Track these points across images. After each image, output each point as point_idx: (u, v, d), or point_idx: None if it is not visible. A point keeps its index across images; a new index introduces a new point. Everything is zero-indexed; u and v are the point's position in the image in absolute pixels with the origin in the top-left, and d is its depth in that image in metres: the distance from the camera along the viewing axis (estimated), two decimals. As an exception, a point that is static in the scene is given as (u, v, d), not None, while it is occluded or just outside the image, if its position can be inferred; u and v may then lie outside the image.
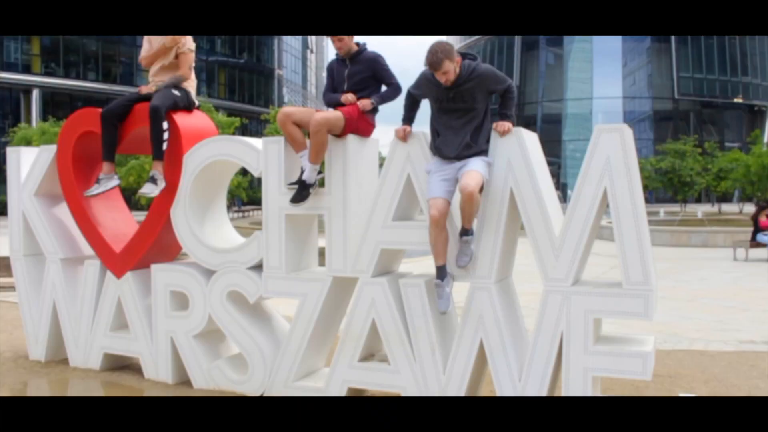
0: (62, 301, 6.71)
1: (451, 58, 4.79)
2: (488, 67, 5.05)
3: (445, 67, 4.78)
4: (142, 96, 6.12)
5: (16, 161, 6.97)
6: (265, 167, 5.59)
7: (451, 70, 4.82)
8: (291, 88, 75.26)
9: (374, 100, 5.45)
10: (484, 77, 4.96)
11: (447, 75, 4.82)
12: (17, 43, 45.58)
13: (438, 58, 4.75)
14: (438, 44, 4.81)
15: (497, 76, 5.08)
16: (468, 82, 4.92)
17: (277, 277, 5.63)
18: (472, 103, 4.96)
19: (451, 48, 4.85)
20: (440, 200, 4.87)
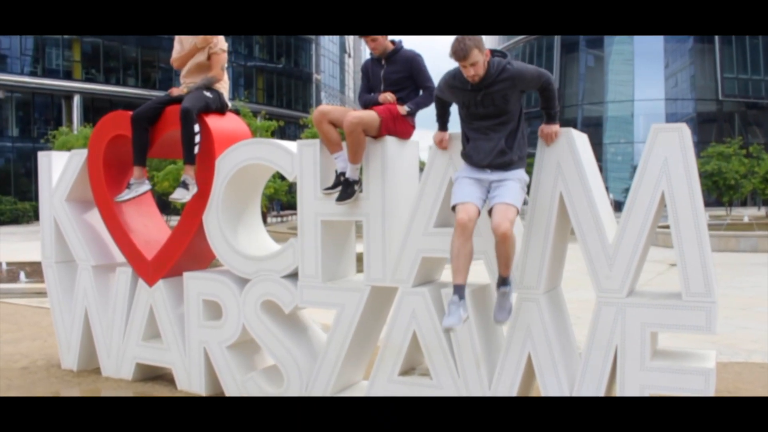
0: (94, 309, 6.56)
1: (480, 47, 4.26)
2: (519, 63, 4.52)
3: (474, 57, 4.23)
4: (173, 98, 5.94)
5: (47, 166, 6.84)
6: (300, 171, 5.35)
7: (481, 63, 4.28)
8: (329, 93, 75.40)
9: (408, 106, 5.16)
10: (516, 75, 4.41)
11: (476, 68, 4.28)
12: (58, 50, 46.33)
13: (466, 46, 4.20)
14: (464, 36, 4.28)
15: (530, 71, 4.51)
16: (498, 82, 4.39)
17: (313, 287, 5.38)
18: (504, 106, 4.44)
19: (479, 38, 4.32)
20: (470, 205, 4.37)
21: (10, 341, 8.31)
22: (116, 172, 6.39)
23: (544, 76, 4.53)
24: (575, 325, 5.24)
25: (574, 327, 5.16)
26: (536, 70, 4.54)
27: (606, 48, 53.18)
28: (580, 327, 5.38)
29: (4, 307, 10.85)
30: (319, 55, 71.01)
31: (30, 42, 45.39)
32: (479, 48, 4.25)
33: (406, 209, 5.13)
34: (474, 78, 4.34)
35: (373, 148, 5.08)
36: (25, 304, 10.95)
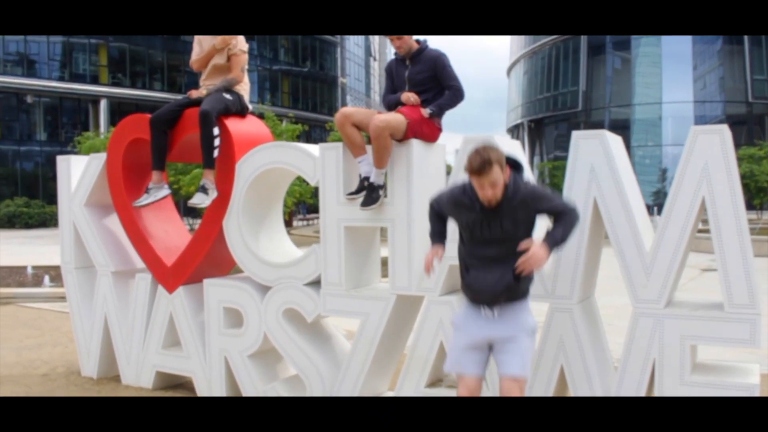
0: (114, 316, 6.44)
1: (502, 163, 3.61)
2: (534, 185, 3.83)
3: (494, 175, 3.56)
4: (192, 101, 5.79)
5: (66, 170, 6.74)
6: (322, 175, 5.17)
7: (500, 183, 3.61)
8: (354, 96, 75.42)
9: (431, 108, 4.94)
10: (532, 197, 3.72)
11: (495, 189, 3.59)
12: (85, 54, 46.79)
13: (487, 161, 3.52)
14: (485, 145, 3.62)
15: (548, 195, 3.80)
16: (510, 204, 3.69)
17: (337, 295, 5.21)
18: (515, 231, 3.70)
19: (502, 152, 3.64)
20: (470, 380, 3.80)
21: (32, 347, 8.24)
22: (135, 176, 6.26)
23: (566, 206, 3.78)
24: (607, 333, 5.01)
25: (606, 336, 4.94)
26: (559, 200, 3.81)
27: (633, 50, 52.51)
28: (613, 335, 5.16)
29: (28, 311, 10.82)
30: (345, 59, 71.07)
31: (58, 47, 45.90)
32: (501, 164, 3.60)
33: (433, 215, 4.93)
34: (491, 200, 3.65)
35: (398, 151, 4.90)
36: (48, 309, 10.91)
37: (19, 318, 10.23)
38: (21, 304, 11.39)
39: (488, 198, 3.62)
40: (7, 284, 13.59)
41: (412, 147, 4.86)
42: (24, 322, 9.85)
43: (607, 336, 4.95)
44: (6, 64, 44.61)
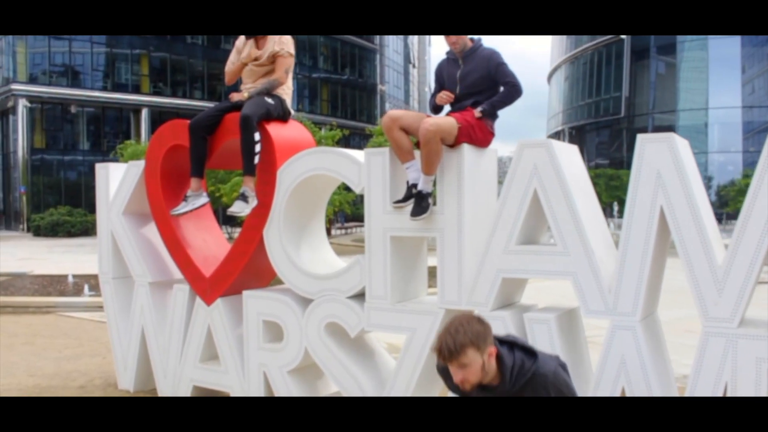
0: (151, 328, 6.25)
1: (479, 345, 3.01)
2: (562, 382, 3.22)
3: (467, 358, 3.00)
4: (232, 105, 5.58)
5: (104, 178, 6.59)
6: (367, 182, 4.90)
7: (476, 366, 3.03)
8: (393, 103, 75.27)
9: (483, 107, 4.65)
10: (542, 386, 3.17)
11: (466, 372, 3.03)
12: (128, 64, 47.42)
13: (456, 342, 2.98)
14: (463, 320, 3.07)
15: (563, 382, 3.23)
16: (521, 389, 3.17)
17: (382, 309, 4.93)
18: None
19: (482, 332, 3.06)
20: None
21: (70, 357, 8.13)
22: (174, 183, 6.07)
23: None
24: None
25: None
26: (567, 386, 3.24)
27: (678, 54, 51.41)
28: (674, 354, 4.81)
29: (68, 321, 10.76)
30: (384, 66, 70.94)
31: (102, 58, 46.61)
32: (477, 345, 3.00)
33: (485, 224, 4.64)
34: (464, 385, 3.08)
35: (448, 157, 4.61)
36: (88, 318, 10.84)
37: (59, 327, 10.16)
38: (61, 314, 11.35)
39: (459, 381, 3.06)
40: (48, 293, 13.59)
41: (464, 152, 4.57)
42: (64, 332, 9.78)
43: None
44: (52, 75, 45.39)
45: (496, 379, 3.17)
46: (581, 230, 4.27)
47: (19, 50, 44.08)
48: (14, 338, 9.33)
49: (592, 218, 4.46)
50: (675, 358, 4.25)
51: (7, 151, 46.63)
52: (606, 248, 4.48)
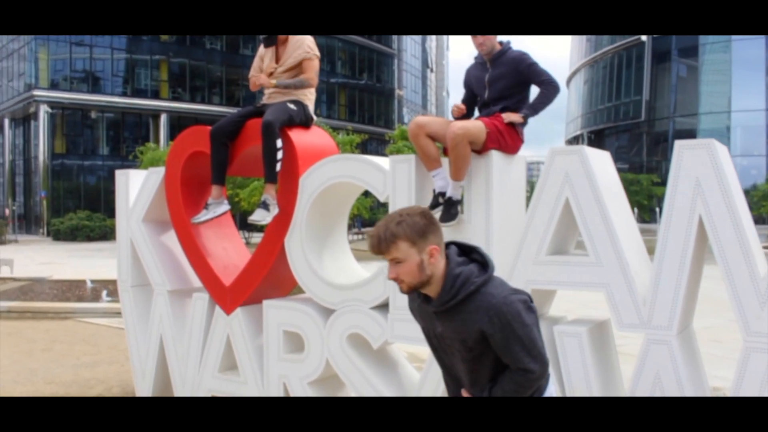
0: (169, 337, 6.14)
1: (414, 239, 2.64)
2: (495, 291, 2.73)
3: (398, 251, 2.65)
4: (254, 111, 5.47)
5: (124, 184, 6.49)
6: (392, 190, 4.76)
7: (411, 263, 2.66)
8: (411, 108, 75.19)
9: (525, 112, 4.50)
10: (484, 308, 2.69)
11: (399, 269, 2.68)
12: (147, 70, 47.74)
13: (387, 234, 2.65)
14: (403, 209, 2.75)
15: (522, 335, 2.72)
16: (462, 309, 2.73)
17: (406, 320, 4.76)
18: (467, 352, 2.82)
19: (423, 224, 2.67)
20: None
21: (88, 364, 8.06)
22: (194, 191, 5.97)
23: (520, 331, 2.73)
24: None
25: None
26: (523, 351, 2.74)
27: (700, 57, 50.87)
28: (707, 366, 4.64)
29: (86, 327, 10.72)
30: (402, 70, 70.87)
31: (122, 64, 46.97)
32: (413, 240, 2.63)
33: (513, 234, 4.49)
34: (400, 286, 2.75)
35: (476, 164, 4.46)
36: (105, 324, 10.80)
37: (77, 333, 10.12)
38: (79, 319, 11.32)
39: (392, 279, 2.74)
40: (67, 298, 13.59)
41: (492, 159, 4.42)
42: (82, 338, 9.73)
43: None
44: (73, 81, 45.78)
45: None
46: (615, 240, 4.11)
47: (41, 57, 44.52)
48: (33, 344, 9.29)
49: (626, 227, 4.30)
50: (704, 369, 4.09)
51: (28, 156, 47.05)
52: (640, 259, 4.32)
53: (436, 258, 2.72)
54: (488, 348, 2.79)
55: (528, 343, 2.73)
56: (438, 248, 2.72)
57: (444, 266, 2.76)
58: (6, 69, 49.19)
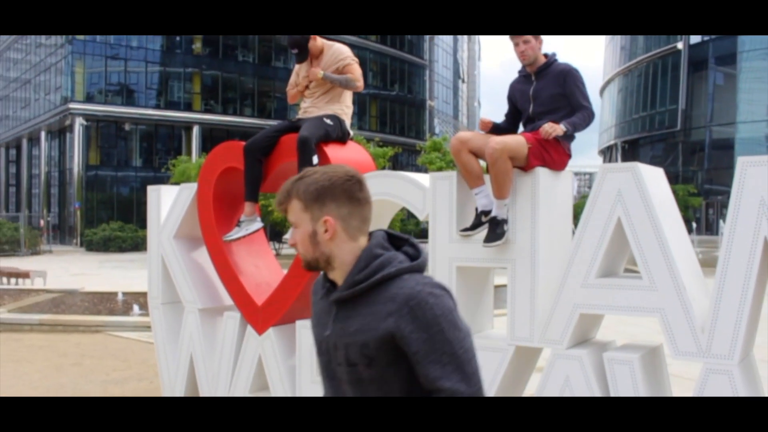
0: (200, 356, 5.98)
1: (307, 201, 2.09)
2: (422, 280, 2.07)
3: (292, 214, 2.12)
4: (289, 126, 5.31)
5: (156, 200, 6.37)
6: (432, 209, 4.56)
7: (303, 233, 2.10)
8: (442, 119, 75.02)
9: (565, 125, 4.27)
10: (403, 297, 2.03)
11: (295, 236, 2.12)
12: (180, 83, 48.17)
13: (285, 188, 2.13)
14: (324, 167, 2.16)
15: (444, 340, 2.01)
16: (372, 292, 2.08)
17: (445, 343, 4.57)
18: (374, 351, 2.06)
19: (327, 187, 2.08)
20: None
21: (117, 380, 7.96)
22: (227, 207, 5.82)
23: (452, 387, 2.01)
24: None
25: None
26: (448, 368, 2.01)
27: (738, 64, 49.98)
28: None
29: (116, 341, 10.64)
30: (433, 81, 70.75)
31: (156, 77, 47.45)
32: (307, 203, 2.08)
33: (560, 254, 4.26)
34: (301, 255, 2.17)
35: (521, 181, 4.24)
36: (136, 339, 10.71)
37: (107, 348, 10.04)
38: (110, 333, 11.25)
39: (291, 245, 2.21)
40: (98, 311, 13.57)
41: (538, 175, 4.20)
42: (111, 353, 9.64)
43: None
44: (107, 94, 46.34)
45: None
46: (670, 262, 3.86)
47: (77, 70, 45.14)
48: (63, 358, 9.23)
49: (681, 248, 4.05)
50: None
51: (63, 168, 47.63)
52: (697, 282, 4.06)
53: (332, 233, 2.10)
54: (393, 364, 2.05)
55: (461, 354, 1.99)
56: (332, 221, 2.09)
57: (356, 249, 2.12)
58: (43, 83, 49.91)
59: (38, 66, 50.92)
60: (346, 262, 2.13)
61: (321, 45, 5.43)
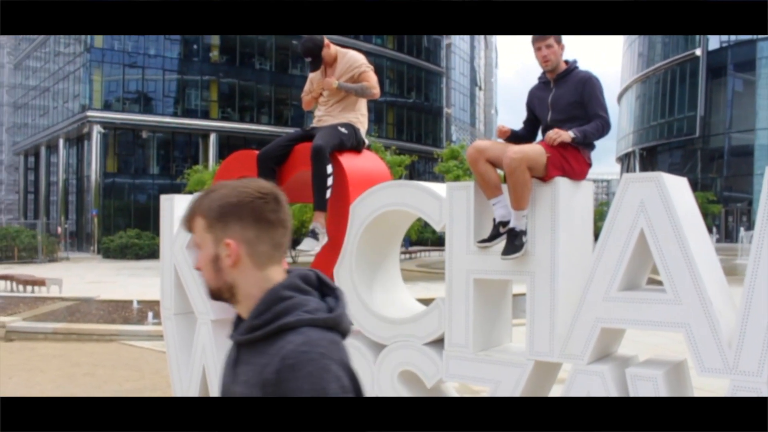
0: (212, 368, 5.88)
1: (212, 221, 1.86)
2: (318, 340, 1.74)
3: (196, 236, 1.91)
4: (303, 135, 5.23)
5: (169, 209, 6.29)
6: (449, 219, 4.45)
7: (205, 257, 1.89)
8: (459, 126, 74.92)
9: (575, 132, 4.12)
10: (282, 354, 1.73)
11: (198, 259, 1.90)
12: (198, 90, 48.43)
13: (191, 206, 1.91)
14: (238, 181, 1.90)
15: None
16: (267, 341, 1.80)
17: (462, 358, 4.45)
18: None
19: (234, 204, 1.84)
20: None
21: (130, 391, 7.90)
22: (239, 217, 5.73)
23: None
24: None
25: None
26: None
27: (757, 70, 49.54)
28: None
29: (130, 350, 10.60)
30: (450, 89, 70.68)
31: (173, 84, 47.76)
32: (211, 223, 1.83)
33: (581, 266, 4.14)
34: (204, 281, 1.94)
35: (540, 191, 4.12)
36: (150, 348, 10.66)
37: (120, 357, 10.00)
38: (124, 342, 11.21)
39: (195, 269, 1.97)
40: (112, 320, 13.54)
41: (558, 186, 4.08)
42: (125, 363, 9.60)
43: None
44: (125, 102, 46.65)
45: None
46: (696, 275, 3.73)
47: (96, 78, 45.49)
48: (76, 368, 9.20)
49: (706, 260, 3.92)
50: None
51: (81, 175, 47.97)
52: (723, 294, 3.92)
53: (234, 259, 1.82)
54: None
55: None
56: (235, 245, 1.82)
57: (263, 281, 1.86)
58: (62, 91, 50.33)
59: (57, 74, 51.37)
60: (251, 296, 1.85)
61: (335, 53, 5.35)
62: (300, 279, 1.87)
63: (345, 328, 1.84)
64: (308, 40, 5.24)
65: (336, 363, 1.71)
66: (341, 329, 1.83)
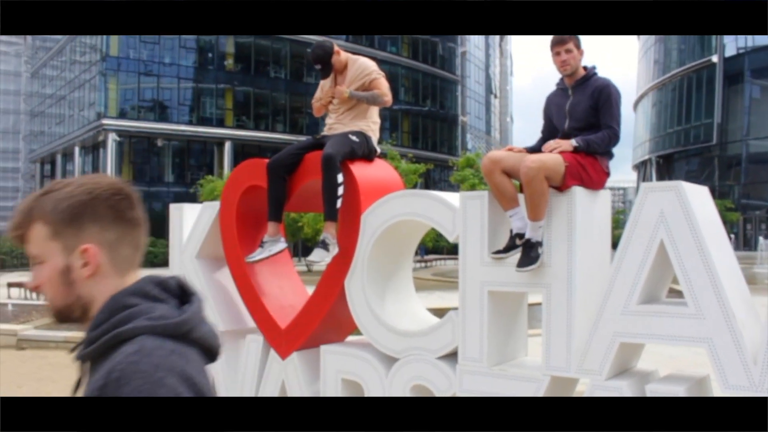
0: (221, 380, 5.79)
1: (57, 225, 1.57)
2: (157, 352, 1.48)
3: (29, 243, 1.61)
4: (314, 143, 5.14)
5: (178, 219, 6.22)
6: (463, 230, 4.33)
7: (49, 269, 1.60)
8: (474, 134, 74.73)
9: (578, 141, 4.03)
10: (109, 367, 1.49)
11: (37, 273, 1.63)
12: (213, 99, 48.56)
13: (26, 204, 1.64)
14: (88, 179, 1.66)
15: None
16: (104, 356, 1.55)
17: (477, 372, 4.33)
18: None
19: (85, 203, 1.59)
20: None
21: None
22: (250, 227, 5.64)
23: None
24: None
25: None
26: None
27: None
28: None
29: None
30: (465, 97, 70.53)
31: (189, 93, 47.92)
32: (57, 227, 1.57)
33: (599, 279, 4.02)
34: (50, 301, 1.71)
35: (557, 201, 4.01)
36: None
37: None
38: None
39: (36, 291, 1.73)
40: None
41: (575, 195, 3.96)
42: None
43: None
44: (140, 110, 46.86)
45: None
46: (718, 288, 3.60)
47: (111, 87, 45.72)
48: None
49: (729, 272, 3.79)
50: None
51: (96, 183, 48.15)
52: (746, 307, 3.79)
53: (93, 267, 1.58)
54: None
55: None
56: (95, 251, 1.57)
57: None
58: (78, 99, 50.62)
59: (73, 82, 51.68)
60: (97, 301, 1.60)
61: (345, 60, 5.27)
62: (153, 285, 1.62)
63: (199, 337, 1.55)
64: (318, 47, 5.16)
65: (175, 376, 1.43)
66: (193, 338, 1.54)
